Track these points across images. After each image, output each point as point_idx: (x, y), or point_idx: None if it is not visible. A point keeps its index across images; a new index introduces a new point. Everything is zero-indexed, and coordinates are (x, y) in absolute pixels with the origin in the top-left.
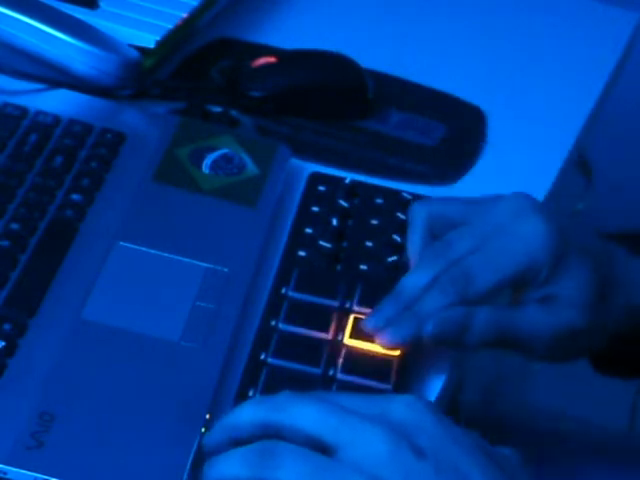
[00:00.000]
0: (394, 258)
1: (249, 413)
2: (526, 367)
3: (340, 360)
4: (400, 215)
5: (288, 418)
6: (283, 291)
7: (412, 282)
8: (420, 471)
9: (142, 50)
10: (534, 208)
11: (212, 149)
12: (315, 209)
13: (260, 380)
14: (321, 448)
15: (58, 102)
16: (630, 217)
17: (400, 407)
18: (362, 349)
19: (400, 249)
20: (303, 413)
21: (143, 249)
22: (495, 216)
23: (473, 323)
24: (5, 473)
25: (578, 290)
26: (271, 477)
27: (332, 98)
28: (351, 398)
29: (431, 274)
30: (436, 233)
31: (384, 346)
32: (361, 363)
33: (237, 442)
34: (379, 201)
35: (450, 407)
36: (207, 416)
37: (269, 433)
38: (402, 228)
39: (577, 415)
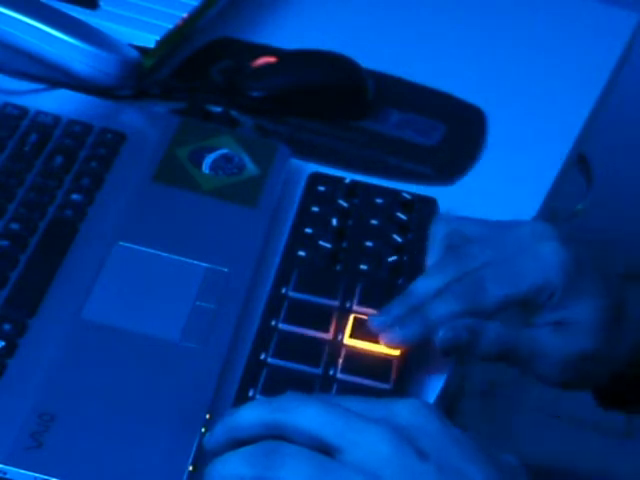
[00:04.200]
0: (394, 258)
1: (253, 413)
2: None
3: (340, 360)
4: (400, 215)
5: (292, 419)
6: (283, 291)
7: (423, 286)
8: (423, 473)
9: (142, 50)
10: (553, 233)
11: (212, 149)
12: (315, 209)
13: (260, 380)
14: (324, 449)
15: (58, 102)
16: (630, 218)
17: (404, 410)
18: (362, 349)
19: (400, 249)
20: (307, 414)
21: (143, 249)
22: (514, 236)
23: (483, 335)
24: (5, 473)
25: (591, 316)
26: (274, 477)
27: (332, 98)
28: (355, 401)
29: (443, 280)
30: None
31: (388, 345)
32: (361, 363)
33: (240, 442)
34: (379, 201)
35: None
36: (207, 416)
37: (272, 434)
38: (402, 228)
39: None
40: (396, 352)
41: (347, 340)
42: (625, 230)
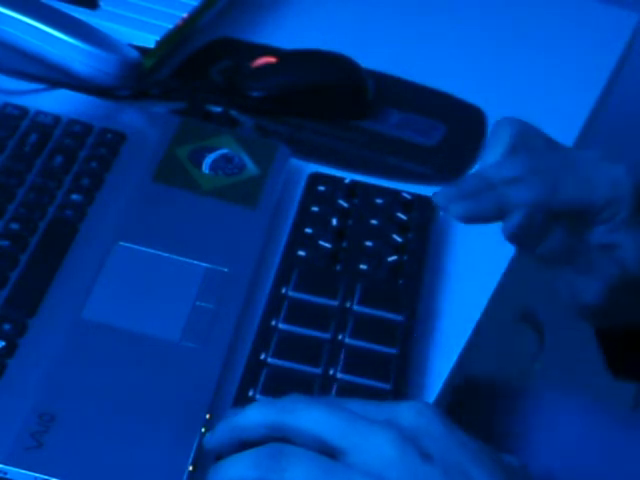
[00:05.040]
0: (394, 258)
1: (257, 414)
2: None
3: (340, 360)
4: (400, 215)
5: (296, 420)
6: (283, 291)
7: (499, 170)
8: (428, 475)
9: (142, 50)
10: (622, 162)
11: (212, 149)
12: (315, 209)
13: (260, 380)
14: (329, 452)
15: (58, 102)
16: None
17: (408, 413)
18: (362, 348)
19: (400, 249)
20: (312, 416)
21: (143, 249)
22: (586, 154)
23: (552, 234)
24: (5, 473)
25: None
26: (278, 479)
27: (332, 98)
28: (359, 403)
29: (520, 170)
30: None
31: (459, 218)
32: (361, 363)
33: (243, 443)
34: (379, 201)
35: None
36: (207, 416)
37: (277, 435)
38: (402, 228)
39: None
40: (396, 352)
41: (347, 339)
42: None
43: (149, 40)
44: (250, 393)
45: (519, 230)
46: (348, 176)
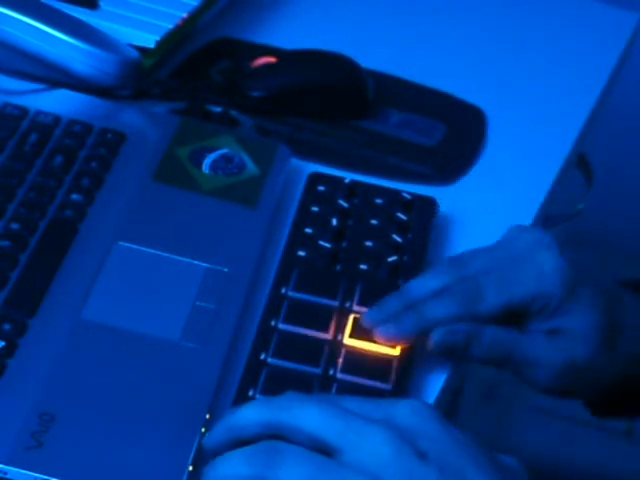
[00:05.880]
0: (394, 258)
1: (253, 413)
2: None
3: (340, 360)
4: (400, 215)
5: (292, 419)
6: (283, 291)
7: (421, 285)
8: (423, 474)
9: (142, 50)
10: (552, 242)
11: (212, 149)
12: (315, 209)
13: (260, 380)
14: (324, 450)
15: (58, 102)
16: (630, 218)
17: (404, 412)
18: (362, 349)
19: (400, 249)
20: (307, 414)
21: (143, 249)
22: (512, 245)
23: (479, 339)
24: (5, 473)
25: (586, 328)
26: (273, 477)
27: (332, 98)
28: (355, 401)
29: (442, 282)
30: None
31: (381, 341)
32: (361, 363)
33: (240, 442)
34: (379, 201)
35: (450, 407)
36: (207, 416)
37: (272, 433)
38: (402, 228)
39: (575, 415)
40: (396, 352)
41: (347, 340)
42: (625, 230)
43: (149, 40)
44: (250, 393)
45: (442, 347)
46: (348, 176)
